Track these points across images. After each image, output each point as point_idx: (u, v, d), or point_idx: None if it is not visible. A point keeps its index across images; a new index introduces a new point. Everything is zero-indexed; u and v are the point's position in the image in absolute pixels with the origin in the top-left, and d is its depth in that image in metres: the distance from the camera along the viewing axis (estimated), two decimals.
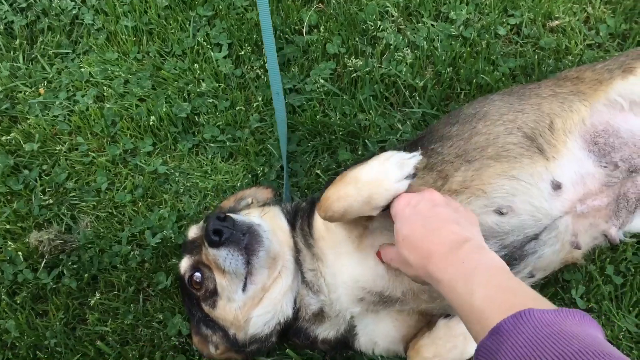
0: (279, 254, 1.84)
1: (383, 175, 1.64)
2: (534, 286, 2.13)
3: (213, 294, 1.81)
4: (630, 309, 2.11)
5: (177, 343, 2.12)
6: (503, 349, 1.10)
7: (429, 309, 1.88)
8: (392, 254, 1.63)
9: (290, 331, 1.90)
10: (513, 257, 1.84)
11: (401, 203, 1.60)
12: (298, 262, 1.88)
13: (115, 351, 2.12)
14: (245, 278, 1.77)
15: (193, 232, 1.96)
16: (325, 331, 1.91)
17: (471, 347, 1.79)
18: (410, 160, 1.66)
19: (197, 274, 1.81)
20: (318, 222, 1.88)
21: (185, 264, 1.86)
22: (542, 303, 1.19)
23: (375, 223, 1.80)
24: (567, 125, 1.99)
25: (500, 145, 1.91)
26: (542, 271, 1.97)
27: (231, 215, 1.75)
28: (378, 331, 1.92)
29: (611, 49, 2.59)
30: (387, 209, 1.67)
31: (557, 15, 2.73)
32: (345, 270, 1.82)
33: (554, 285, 2.15)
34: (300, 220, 1.96)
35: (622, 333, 2.06)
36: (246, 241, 1.74)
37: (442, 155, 1.95)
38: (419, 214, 1.53)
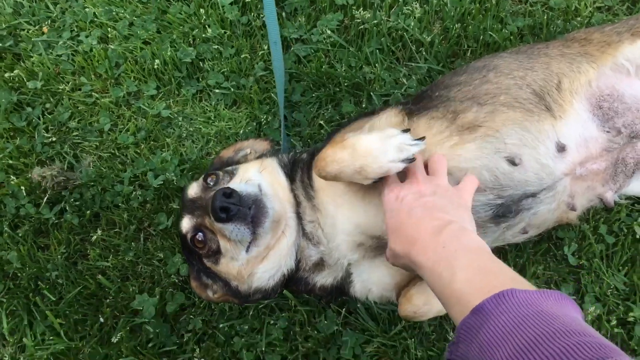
0: (282, 216, 1.86)
1: (380, 152, 1.64)
2: (527, 243, 2.19)
3: (216, 252, 1.83)
4: (620, 267, 2.16)
5: (176, 280, 2.18)
6: (485, 327, 1.12)
7: None
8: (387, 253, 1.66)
9: (291, 280, 1.94)
10: (509, 209, 1.87)
11: (390, 197, 1.63)
12: (298, 216, 1.91)
13: (116, 285, 2.17)
14: (250, 243, 1.79)
15: (193, 191, 1.92)
16: (324, 279, 1.96)
17: None
18: (411, 147, 1.66)
19: (200, 234, 1.82)
20: None
21: (186, 224, 1.85)
22: (522, 284, 1.21)
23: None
24: (574, 86, 2.01)
25: (512, 96, 1.93)
26: (535, 228, 2.01)
27: (236, 189, 1.72)
28: (373, 278, 1.96)
29: (620, 12, 2.59)
30: (379, 181, 1.70)
31: None
32: (346, 219, 1.85)
33: (546, 242, 2.20)
34: (300, 172, 1.98)
35: (610, 290, 2.12)
36: (252, 214, 1.74)
37: (448, 98, 1.97)
38: (405, 206, 1.57)
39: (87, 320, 2.15)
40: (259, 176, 1.91)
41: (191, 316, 2.14)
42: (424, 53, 2.53)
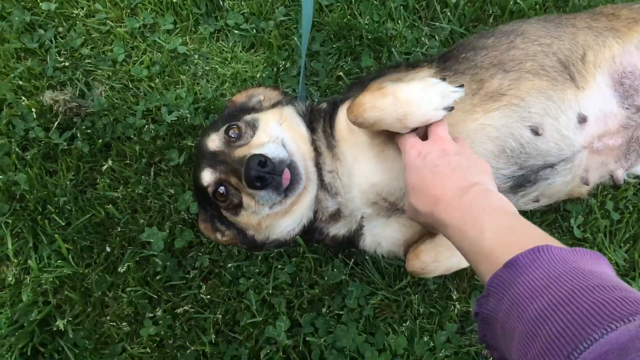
0: (307, 173, 1.85)
1: (424, 99, 1.64)
2: (535, 212, 2.23)
3: (237, 206, 1.82)
4: (622, 244, 2.23)
5: (186, 217, 2.18)
6: (519, 280, 1.11)
7: None
8: (407, 209, 1.65)
9: (307, 230, 1.95)
10: (527, 179, 1.91)
11: (412, 153, 1.61)
12: (318, 167, 1.90)
13: (125, 217, 2.16)
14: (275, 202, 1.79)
15: (214, 144, 1.86)
16: (337, 230, 1.97)
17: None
18: (453, 93, 1.66)
19: (222, 188, 1.80)
20: (341, 123, 1.90)
21: (208, 177, 1.82)
22: (555, 242, 1.20)
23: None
24: (598, 59, 2.02)
25: (538, 63, 1.94)
26: (547, 198, 2.05)
27: (269, 155, 1.69)
28: (384, 233, 1.99)
29: None
30: (414, 130, 1.70)
31: None
32: (362, 173, 1.86)
33: (554, 213, 2.25)
34: (322, 121, 1.97)
35: (612, 265, 2.18)
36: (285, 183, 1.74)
37: (475, 62, 1.97)
38: (429, 164, 1.55)
39: (94, 248, 2.14)
40: (280, 130, 1.89)
41: (199, 254, 2.14)
42: (448, 14, 2.52)
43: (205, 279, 2.15)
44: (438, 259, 1.88)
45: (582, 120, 1.94)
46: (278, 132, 1.87)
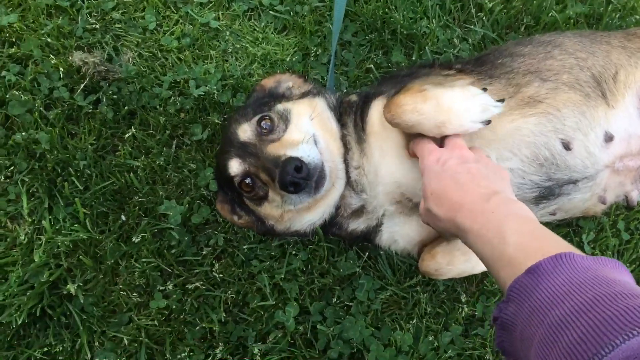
0: (335, 172, 1.85)
1: (464, 110, 1.64)
2: (549, 224, 2.25)
3: (262, 198, 1.82)
4: (629, 264, 2.26)
5: (205, 194, 2.17)
6: (541, 286, 1.11)
7: None
8: (424, 215, 1.64)
9: (326, 224, 1.96)
10: (552, 192, 1.93)
11: (431, 159, 1.61)
12: (345, 163, 1.90)
13: (144, 187, 2.15)
14: None
15: (245, 134, 1.82)
16: (357, 225, 1.97)
17: (481, 267, 1.90)
18: (494, 108, 1.66)
19: (249, 179, 1.80)
20: (374, 118, 1.89)
21: (236, 168, 1.81)
22: (575, 250, 1.21)
23: None
24: (629, 80, 2.04)
25: (575, 76, 1.95)
26: (563, 213, 2.07)
27: (304, 160, 1.67)
28: (402, 231, 1.99)
29: None
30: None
31: None
32: (388, 171, 1.86)
33: (567, 227, 2.27)
34: (353, 115, 1.96)
35: None
36: (314, 185, 1.73)
37: (512, 68, 1.98)
38: (448, 170, 1.54)
39: (109, 215, 2.13)
40: (311, 125, 1.86)
41: (215, 232, 2.14)
42: (482, 18, 2.52)
43: (218, 258, 2.15)
44: (452, 262, 1.90)
45: (609, 139, 1.96)
46: (310, 129, 1.85)
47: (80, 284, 2.03)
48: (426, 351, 2.06)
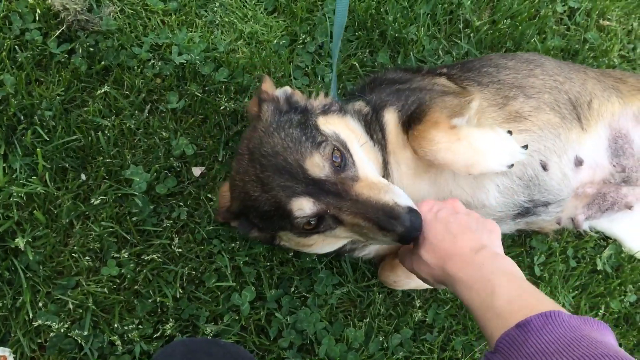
0: None
1: (496, 154, 1.71)
2: (504, 241, 2.35)
3: (316, 232, 1.67)
4: (572, 289, 2.39)
5: (175, 164, 2.12)
6: (530, 342, 1.16)
7: None
8: (408, 260, 1.67)
9: None
10: (528, 211, 2.03)
11: (424, 208, 1.64)
12: None
13: (111, 148, 2.07)
14: None
15: (322, 171, 1.59)
16: (350, 245, 1.96)
17: None
18: (519, 155, 1.73)
19: (314, 220, 1.62)
20: (392, 136, 1.88)
21: (309, 209, 1.58)
22: (561, 308, 1.27)
23: None
24: (602, 110, 2.17)
25: (554, 97, 2.05)
26: (525, 226, 2.18)
27: (415, 208, 1.60)
28: (381, 247, 2.02)
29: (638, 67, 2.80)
30: None
31: (609, 17, 2.89)
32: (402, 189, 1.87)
33: (521, 247, 2.38)
34: (375, 134, 1.88)
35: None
36: None
37: (498, 79, 2.06)
38: (441, 220, 1.58)
39: (69, 172, 2.04)
40: (365, 156, 1.75)
41: (179, 205, 2.09)
42: (469, 34, 2.60)
43: (178, 232, 2.10)
44: (411, 276, 1.94)
45: (579, 163, 2.08)
46: (369, 161, 1.74)
47: (30, 239, 1.93)
48: (375, 350, 2.10)
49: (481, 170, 1.72)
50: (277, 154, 1.61)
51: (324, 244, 1.82)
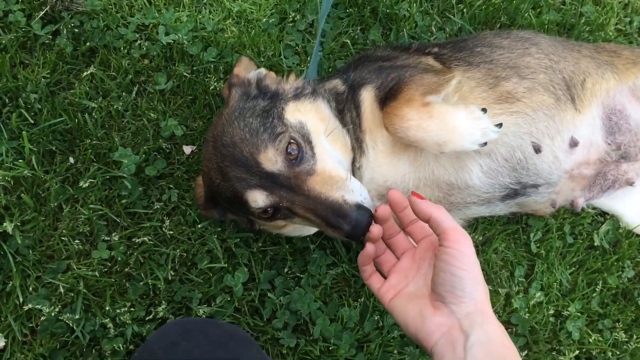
0: None
1: (468, 132, 1.69)
2: (499, 219, 2.34)
3: (276, 219, 1.71)
4: (569, 266, 2.39)
5: (164, 146, 2.11)
6: None
7: None
8: None
9: None
10: (517, 193, 2.03)
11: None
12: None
13: (99, 130, 2.06)
14: None
15: (274, 165, 1.61)
16: None
17: None
18: (493, 133, 1.72)
19: (271, 210, 1.66)
20: (367, 112, 1.89)
21: (262, 202, 1.63)
22: None
23: None
24: (596, 89, 2.16)
25: (549, 77, 2.03)
26: (518, 208, 2.18)
27: (368, 206, 1.60)
28: None
29: (636, 42, 2.78)
30: None
31: None
32: (379, 168, 1.88)
33: (517, 225, 2.37)
34: (348, 113, 1.91)
35: (556, 283, 2.35)
36: None
37: (491, 59, 2.04)
38: None
39: (57, 156, 2.04)
40: (335, 151, 1.76)
41: (170, 187, 2.09)
42: (462, 9, 2.58)
43: (169, 214, 2.10)
44: None
45: (574, 144, 2.07)
46: (332, 150, 1.75)
47: (18, 223, 1.93)
48: (370, 330, 2.10)
49: (453, 148, 1.70)
50: (235, 145, 1.64)
51: (296, 229, 1.87)
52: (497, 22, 2.62)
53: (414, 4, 2.51)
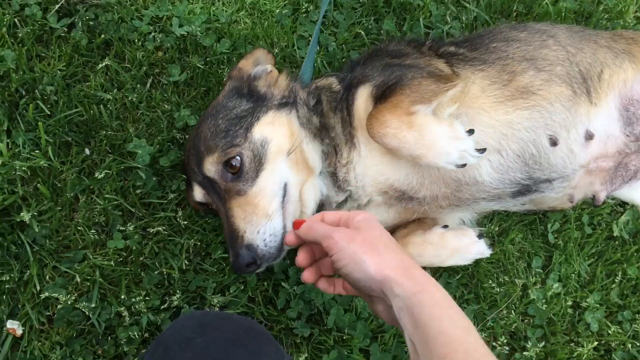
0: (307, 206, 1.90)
1: (444, 151, 1.69)
2: (517, 213, 2.33)
3: (213, 213, 1.92)
4: (587, 257, 2.38)
5: (178, 136, 2.14)
6: None
7: (435, 213, 2.06)
8: None
9: None
10: (528, 189, 2.02)
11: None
12: (334, 165, 1.92)
13: (114, 121, 2.10)
14: None
15: (212, 170, 1.78)
16: None
17: (450, 262, 1.99)
18: (471, 158, 1.71)
19: (205, 207, 1.91)
20: (360, 110, 1.92)
21: (199, 197, 1.87)
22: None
23: None
24: (613, 79, 2.13)
25: (566, 70, 2.02)
26: (533, 205, 2.17)
27: (259, 253, 1.72)
28: (380, 218, 2.01)
29: None
30: None
31: None
32: (375, 165, 1.91)
33: (534, 215, 2.36)
34: (340, 112, 1.96)
35: (574, 274, 2.33)
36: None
37: (507, 53, 2.04)
38: None
39: (73, 147, 2.08)
40: (287, 166, 1.85)
41: (183, 176, 2.12)
42: None
43: (183, 206, 2.13)
44: (423, 255, 1.96)
45: (589, 137, 2.05)
46: (283, 174, 1.83)
47: (35, 213, 1.98)
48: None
49: (427, 163, 1.73)
50: (198, 139, 1.82)
51: None
52: (513, 11, 2.61)
53: None
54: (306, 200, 1.89)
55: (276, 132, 1.85)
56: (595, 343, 2.24)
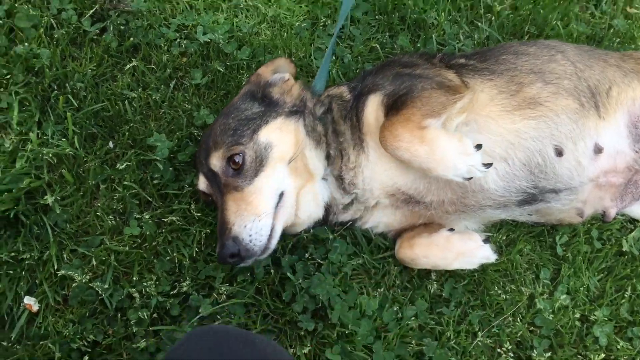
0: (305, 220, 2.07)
1: (453, 166, 1.79)
2: (525, 225, 2.36)
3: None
4: (597, 272, 2.38)
5: (196, 134, 2.26)
6: None
7: (442, 218, 2.14)
8: None
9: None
10: (534, 198, 2.07)
11: None
12: (340, 169, 2.04)
13: (137, 117, 2.24)
14: None
15: (217, 165, 1.93)
16: (345, 216, 2.15)
17: (456, 265, 2.07)
18: (478, 172, 1.81)
19: (209, 196, 2.05)
20: (370, 117, 2.04)
21: (202, 186, 2.03)
22: None
23: None
24: (621, 97, 2.18)
25: (574, 84, 2.09)
26: (540, 216, 2.22)
27: (243, 244, 1.83)
28: (387, 221, 2.18)
29: None
30: None
31: (637, 6, 2.93)
32: (384, 170, 2.02)
33: (542, 226, 2.39)
34: (349, 120, 2.08)
35: (583, 288, 2.33)
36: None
37: (515, 65, 2.12)
38: None
39: (98, 139, 2.21)
40: (287, 172, 1.98)
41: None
42: (490, 18, 2.68)
43: (196, 198, 2.23)
44: (429, 256, 2.05)
45: (598, 150, 2.09)
46: (282, 181, 1.96)
47: (58, 198, 2.09)
48: (389, 320, 2.14)
49: (437, 175, 1.84)
50: (210, 135, 1.98)
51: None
52: (525, 32, 2.70)
53: (443, 13, 2.63)
54: (302, 203, 2.01)
55: (282, 138, 1.99)
56: (603, 355, 2.22)
